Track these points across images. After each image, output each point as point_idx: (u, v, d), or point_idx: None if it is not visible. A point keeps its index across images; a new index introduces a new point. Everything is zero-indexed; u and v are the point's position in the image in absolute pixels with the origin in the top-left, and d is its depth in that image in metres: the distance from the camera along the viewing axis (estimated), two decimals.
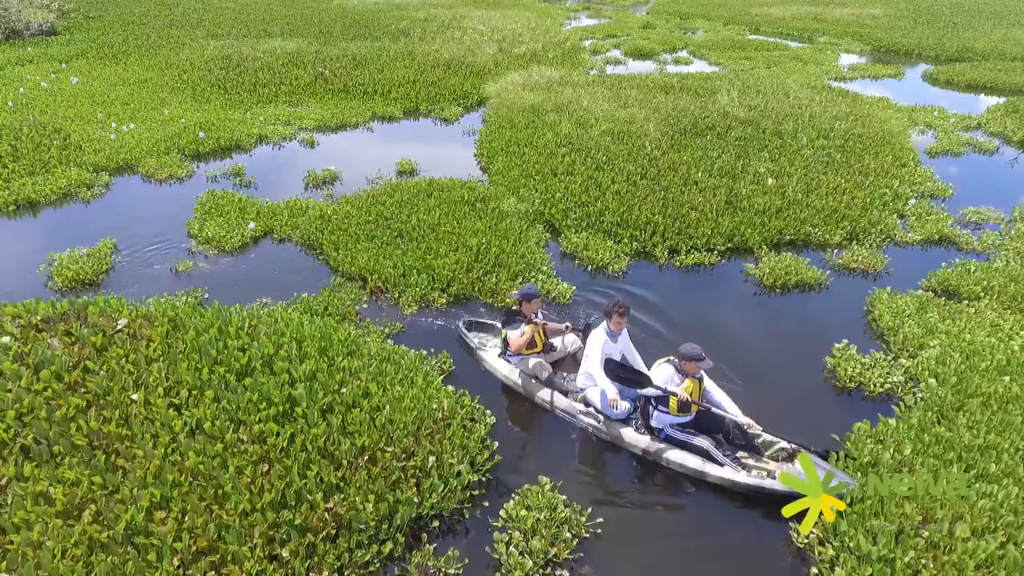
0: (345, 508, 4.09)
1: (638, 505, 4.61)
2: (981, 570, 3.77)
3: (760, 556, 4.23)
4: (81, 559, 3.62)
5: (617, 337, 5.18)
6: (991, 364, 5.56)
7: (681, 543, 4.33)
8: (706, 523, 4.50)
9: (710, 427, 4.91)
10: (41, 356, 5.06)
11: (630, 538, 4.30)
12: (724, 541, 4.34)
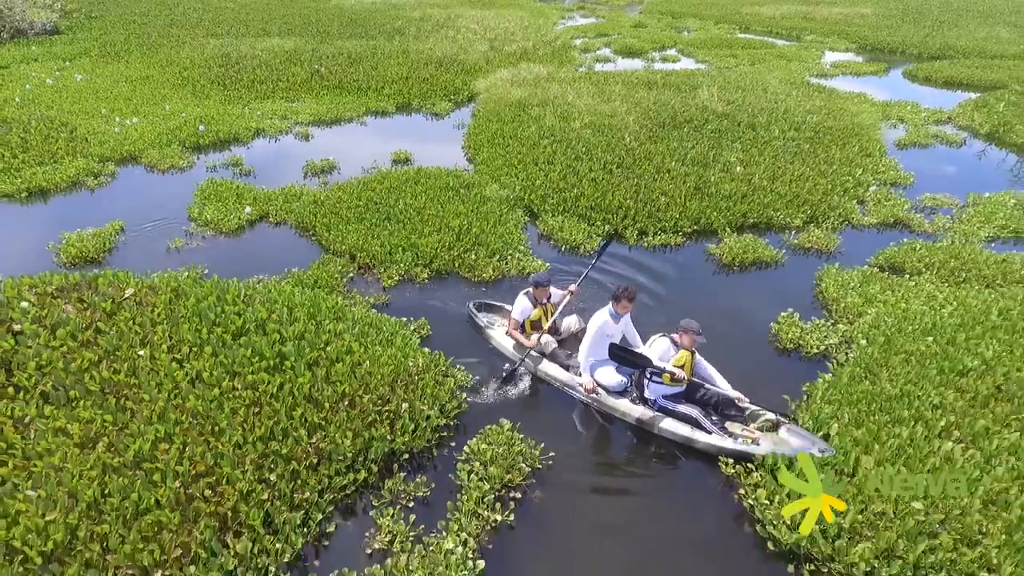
0: (326, 443, 4.68)
1: (589, 447, 5.19)
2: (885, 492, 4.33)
3: (694, 490, 4.81)
4: (96, 479, 4.20)
5: (620, 319, 5.53)
6: (918, 327, 6.14)
7: (626, 479, 4.91)
8: (648, 462, 5.07)
9: (701, 398, 5.41)
10: (57, 319, 5.65)
11: (579, 470, 4.88)
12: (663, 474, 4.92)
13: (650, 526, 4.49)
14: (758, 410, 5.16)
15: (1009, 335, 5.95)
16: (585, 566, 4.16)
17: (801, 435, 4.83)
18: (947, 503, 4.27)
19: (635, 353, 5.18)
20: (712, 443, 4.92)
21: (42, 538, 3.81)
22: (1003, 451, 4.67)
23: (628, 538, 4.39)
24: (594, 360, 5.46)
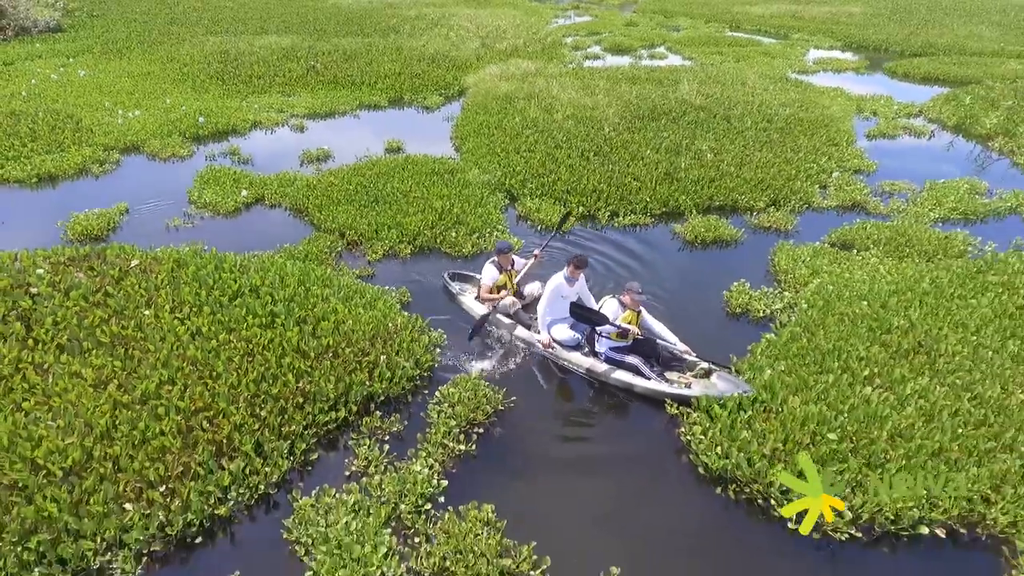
0: (311, 386, 5.27)
1: (547, 394, 5.79)
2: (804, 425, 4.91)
3: (642, 429, 5.41)
4: (107, 412, 4.79)
5: (574, 283, 6.14)
6: (855, 294, 6.73)
7: (580, 419, 5.52)
8: (601, 406, 5.67)
9: (645, 351, 5.97)
10: (70, 283, 6.26)
11: (538, 412, 5.48)
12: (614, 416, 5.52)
13: (599, 458, 5.08)
14: (696, 360, 5.75)
15: (936, 300, 6.55)
16: (536, 488, 4.75)
17: (728, 380, 5.44)
18: (859, 436, 4.86)
19: (593, 311, 5.77)
20: (650, 387, 5.52)
21: (62, 457, 4.41)
22: (914, 394, 5.27)
23: (579, 467, 4.98)
24: (551, 319, 6.06)
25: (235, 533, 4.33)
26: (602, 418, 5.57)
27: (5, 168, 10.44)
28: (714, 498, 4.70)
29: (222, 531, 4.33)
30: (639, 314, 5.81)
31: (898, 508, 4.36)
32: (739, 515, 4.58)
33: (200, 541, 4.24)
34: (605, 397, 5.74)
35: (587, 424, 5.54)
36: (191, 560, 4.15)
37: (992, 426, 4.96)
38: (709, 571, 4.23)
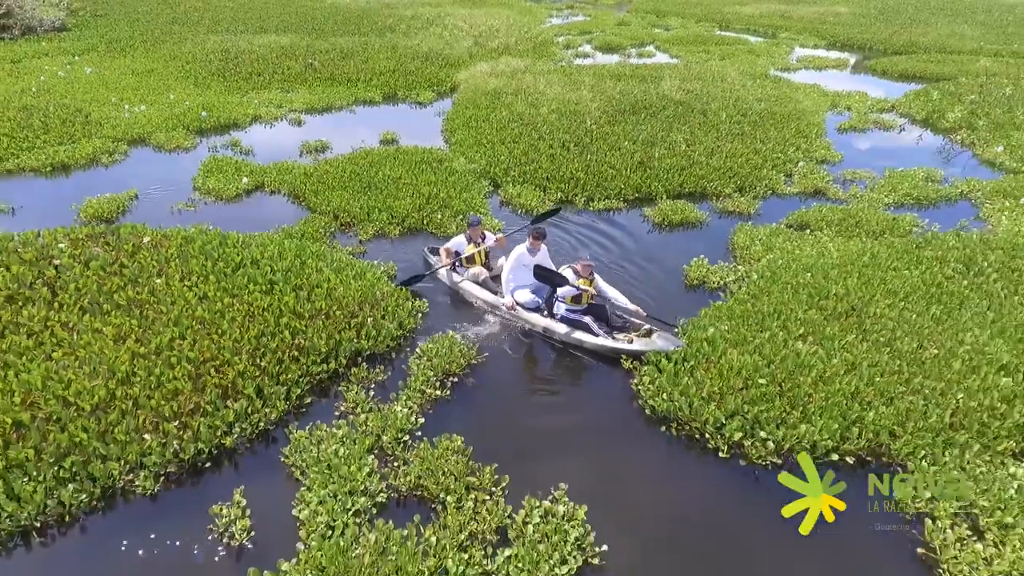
0: (306, 341, 5.96)
1: (513, 350, 6.48)
2: (739, 373, 5.60)
3: (599, 380, 6.10)
4: (127, 361, 5.49)
5: (535, 253, 6.86)
6: (802, 266, 7.43)
7: (542, 372, 6.21)
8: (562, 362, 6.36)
9: (597, 313, 6.71)
10: (89, 255, 6.97)
11: (505, 365, 6.18)
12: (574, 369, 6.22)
13: (558, 403, 5.78)
14: (641, 323, 6.48)
15: (872, 271, 7.24)
16: (501, 426, 5.45)
17: (666, 338, 6.15)
18: (787, 382, 5.56)
19: (555, 272, 6.49)
20: (598, 343, 6.24)
21: (89, 395, 5.10)
22: (840, 348, 5.96)
23: (540, 410, 5.68)
24: (514, 284, 6.79)
25: (239, 460, 5.03)
26: (562, 372, 6.27)
27: (20, 158, 11.15)
28: (658, 435, 5.39)
29: (228, 459, 5.03)
30: (592, 280, 6.51)
31: (815, 440, 5.05)
32: (679, 448, 5.28)
33: (209, 466, 4.93)
34: (567, 356, 6.43)
35: (549, 376, 6.24)
36: (201, 481, 4.85)
37: (904, 374, 5.65)
38: (647, 489, 4.92)
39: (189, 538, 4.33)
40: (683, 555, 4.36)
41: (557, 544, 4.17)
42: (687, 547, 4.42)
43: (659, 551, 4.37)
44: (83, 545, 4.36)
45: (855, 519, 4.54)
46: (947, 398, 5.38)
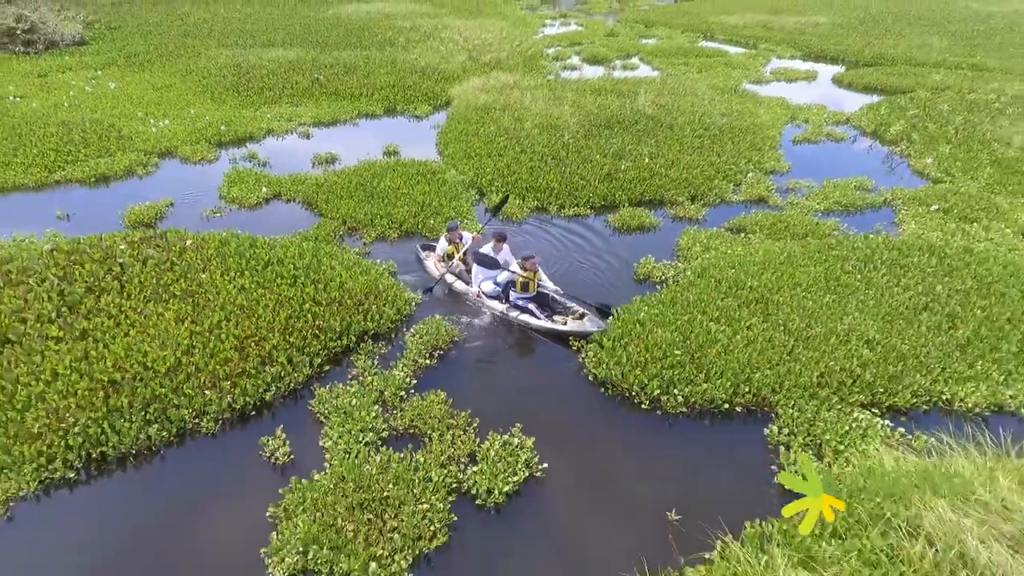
0: (324, 323, 7.63)
1: (485, 330, 8.14)
2: (660, 347, 7.25)
3: (553, 356, 7.76)
4: (187, 337, 7.15)
5: (498, 252, 8.59)
6: (729, 263, 9.09)
7: (509, 348, 7.88)
8: (525, 343, 8.02)
9: (540, 301, 8.38)
10: (145, 255, 8.64)
11: (480, 341, 7.84)
12: (533, 347, 7.88)
13: (520, 372, 7.45)
14: (575, 307, 8.14)
15: (785, 268, 8.90)
16: (476, 386, 7.11)
17: (594, 321, 7.82)
18: (697, 353, 7.21)
19: (490, 257, 8.14)
20: (540, 325, 7.94)
21: (162, 361, 6.77)
22: (744, 328, 7.62)
23: (506, 376, 7.35)
24: (481, 277, 8.48)
25: (277, 410, 6.70)
26: (525, 347, 7.92)
27: (66, 170, 12.82)
28: (596, 394, 7.05)
29: (268, 409, 6.70)
30: (535, 273, 8.18)
31: (713, 395, 6.71)
32: (611, 403, 6.93)
33: (254, 414, 6.60)
34: (528, 336, 8.10)
35: (514, 350, 7.89)
36: (248, 425, 6.52)
37: (788, 346, 7.31)
38: (583, 430, 6.57)
39: (244, 461, 6.01)
40: (604, 472, 6.01)
41: (511, 463, 5.84)
42: (609, 467, 6.08)
43: (585, 469, 6.03)
44: (164, 467, 6.03)
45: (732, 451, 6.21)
46: (818, 364, 7.04)
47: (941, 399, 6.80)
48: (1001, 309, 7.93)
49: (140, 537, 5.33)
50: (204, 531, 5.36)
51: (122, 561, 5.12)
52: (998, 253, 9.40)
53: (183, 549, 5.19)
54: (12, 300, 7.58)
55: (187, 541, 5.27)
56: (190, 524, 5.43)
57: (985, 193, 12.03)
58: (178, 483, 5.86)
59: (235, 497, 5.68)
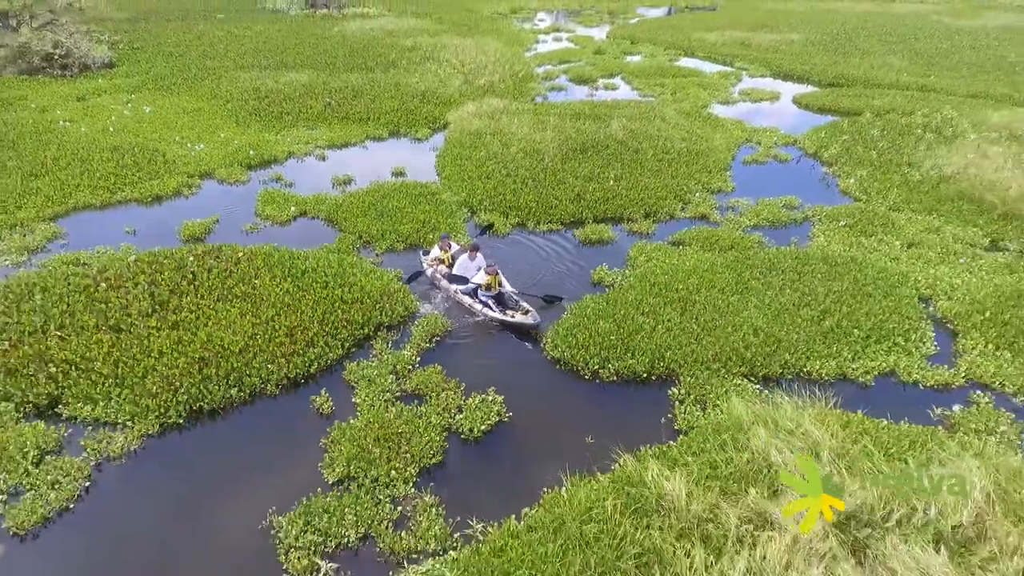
0: (350, 317, 10.27)
1: (469, 322, 10.77)
2: (601, 333, 9.87)
3: (521, 341, 10.40)
4: (250, 327, 9.79)
5: (473, 260, 11.23)
6: (662, 270, 11.72)
7: (486, 335, 10.53)
8: (498, 332, 10.65)
9: (499, 299, 11.04)
10: (209, 265, 11.29)
11: (466, 332, 10.50)
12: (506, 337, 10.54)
13: (497, 353, 10.09)
14: (524, 304, 10.74)
15: (706, 274, 11.52)
16: (463, 363, 9.73)
17: (534, 315, 10.41)
18: (628, 338, 9.84)
19: (458, 276, 10.83)
20: (495, 316, 10.56)
21: (234, 345, 9.41)
22: (666, 320, 10.24)
23: (485, 355, 9.98)
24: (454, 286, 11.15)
25: (319, 379, 9.34)
26: (501, 337, 10.55)
27: (125, 191, 15.46)
28: (552, 369, 9.68)
29: (312, 378, 9.33)
30: (496, 277, 10.82)
31: (636, 368, 9.34)
32: (562, 375, 9.55)
33: (303, 382, 9.24)
34: (503, 329, 10.72)
35: (492, 337, 10.51)
36: (299, 389, 9.15)
37: (697, 334, 9.94)
38: (541, 392, 9.20)
39: (298, 413, 8.65)
40: (551, 418, 8.64)
41: (486, 412, 8.47)
42: (554, 416, 8.70)
43: (538, 416, 8.65)
44: (242, 417, 8.67)
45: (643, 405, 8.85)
46: (715, 346, 9.67)
47: (802, 371, 9.43)
48: (862, 306, 10.58)
49: (227, 461, 7.98)
50: (276, 456, 8.00)
51: (216, 474, 7.75)
52: (876, 261, 12.07)
53: (260, 468, 7.82)
54: (117, 299, 10.23)
55: (262, 463, 7.91)
56: (264, 452, 8.07)
57: (890, 211, 14.68)
58: (253, 427, 8.51)
59: (296, 435, 8.32)
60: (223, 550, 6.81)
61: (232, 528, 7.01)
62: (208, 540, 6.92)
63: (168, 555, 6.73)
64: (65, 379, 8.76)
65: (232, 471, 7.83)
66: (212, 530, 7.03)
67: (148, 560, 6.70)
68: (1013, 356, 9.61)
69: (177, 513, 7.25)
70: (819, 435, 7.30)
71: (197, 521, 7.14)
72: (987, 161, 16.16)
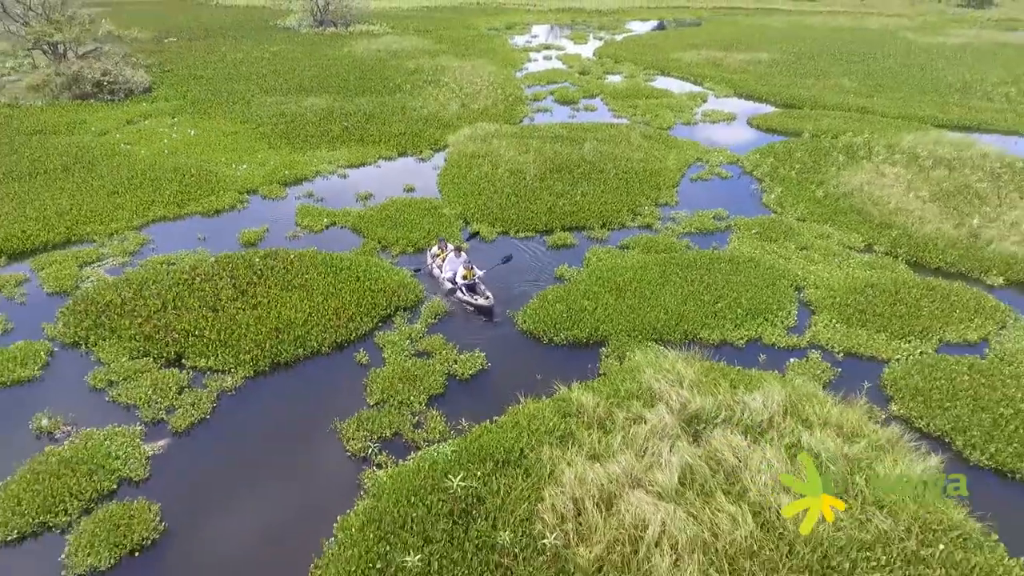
0: (376, 302, 14.54)
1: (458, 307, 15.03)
2: (557, 314, 14.12)
3: (499, 320, 14.67)
4: (308, 308, 14.06)
5: (458, 257, 15.51)
6: (609, 267, 15.96)
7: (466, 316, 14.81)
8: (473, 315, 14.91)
9: (471, 287, 15.27)
10: (271, 264, 15.59)
11: (458, 313, 14.78)
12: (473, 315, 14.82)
13: (483, 327, 14.35)
14: (488, 293, 14.98)
15: (640, 270, 15.75)
16: (459, 333, 13.97)
17: (490, 301, 14.65)
18: (580, 318, 14.09)
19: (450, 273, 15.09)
20: (464, 299, 14.77)
21: (298, 320, 13.67)
22: (604, 303, 14.48)
23: (475, 330, 14.23)
24: (450, 272, 15.40)
25: (358, 343, 13.59)
26: (477, 317, 14.81)
27: (190, 206, 19.72)
28: (522, 338, 13.92)
29: (352, 342, 13.59)
30: (471, 271, 15.07)
31: (579, 336, 13.58)
32: (528, 342, 13.79)
33: (347, 345, 13.51)
34: (486, 312, 14.96)
35: (479, 318, 14.76)
36: (344, 349, 13.41)
37: (625, 313, 14.16)
38: (511, 353, 13.43)
39: (344, 365, 12.92)
40: (518, 365, 12.87)
41: (473, 363, 12.73)
42: (520, 364, 12.94)
43: (510, 365, 12.89)
44: (306, 368, 12.93)
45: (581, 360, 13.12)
46: (636, 321, 13.91)
47: (696, 337, 13.65)
48: (748, 292, 14.80)
49: (301, 393, 12.22)
50: (334, 389, 12.24)
51: (295, 400, 12.00)
52: (769, 260, 16.32)
53: (324, 396, 12.06)
54: (209, 288, 14.51)
55: (326, 393, 12.14)
56: (326, 388, 12.31)
57: (797, 221, 18.93)
58: (315, 373, 12.76)
59: (345, 377, 12.56)
60: (306, 442, 11.05)
61: (310, 430, 11.25)
62: (294, 436, 11.15)
63: (270, 443, 10.98)
64: (185, 342, 13.02)
65: (305, 398, 12.07)
66: (296, 430, 11.26)
67: (256, 446, 10.94)
68: (846, 328, 13.85)
69: (272, 422, 11.48)
70: (685, 373, 11.56)
71: (286, 426, 11.38)
72: (882, 179, 20.43)
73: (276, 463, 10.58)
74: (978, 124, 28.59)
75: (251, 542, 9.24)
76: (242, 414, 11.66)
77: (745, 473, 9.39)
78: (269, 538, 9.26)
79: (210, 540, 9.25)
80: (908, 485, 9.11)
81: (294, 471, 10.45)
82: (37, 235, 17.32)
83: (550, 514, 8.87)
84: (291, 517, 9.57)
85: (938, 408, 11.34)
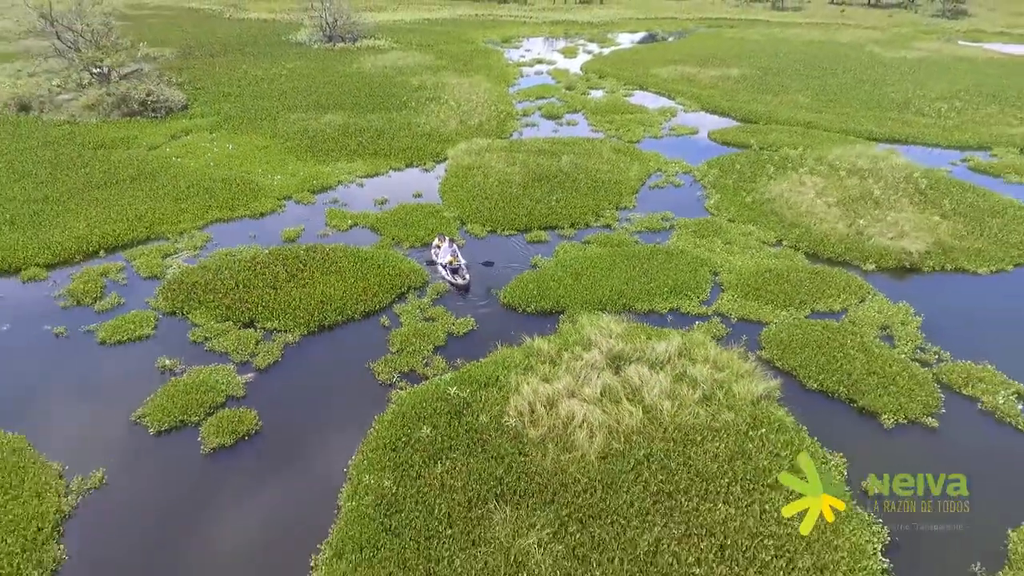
0: (393, 283, 19.67)
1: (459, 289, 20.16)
2: (530, 292, 19.22)
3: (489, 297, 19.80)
4: (343, 288, 19.21)
5: (450, 247, 20.64)
6: (573, 258, 21.07)
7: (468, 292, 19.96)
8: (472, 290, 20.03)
9: (455, 270, 20.38)
10: (312, 256, 20.76)
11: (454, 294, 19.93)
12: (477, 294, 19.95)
13: (476, 302, 19.48)
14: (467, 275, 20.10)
15: (596, 260, 20.84)
16: (458, 307, 19.07)
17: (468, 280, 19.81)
18: (545, 291, 19.21)
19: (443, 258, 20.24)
20: (452, 280, 19.90)
21: (337, 294, 18.82)
22: (567, 283, 19.60)
23: (469, 303, 19.36)
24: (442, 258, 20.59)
25: (380, 313, 18.71)
26: (477, 294, 19.91)
27: (240, 210, 24.85)
28: (507, 312, 19.03)
29: (376, 312, 18.69)
30: (456, 257, 20.22)
31: (546, 307, 18.71)
32: (508, 312, 18.91)
33: (373, 314, 18.63)
34: (475, 291, 20.07)
35: (473, 296, 19.85)
36: (370, 317, 18.52)
37: (583, 291, 19.27)
38: (495, 318, 18.53)
39: (371, 329, 18.04)
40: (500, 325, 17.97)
41: (465, 325, 17.84)
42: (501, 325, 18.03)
43: (495, 325, 17.99)
44: (344, 330, 18.05)
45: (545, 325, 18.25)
46: (588, 296, 18.99)
47: (632, 308, 18.73)
48: (674, 276, 19.89)
49: (342, 345, 17.33)
50: (364, 343, 17.33)
51: (339, 349, 17.12)
52: (696, 252, 21.41)
53: (357, 347, 17.15)
54: (267, 272, 19.65)
55: (358, 345, 17.24)
56: (358, 342, 17.41)
57: (728, 222, 24.03)
58: (351, 334, 17.88)
59: (372, 335, 17.66)
60: (348, 374, 16.15)
61: (351, 368, 16.35)
62: (341, 372, 16.25)
63: (323, 376, 16.10)
64: (255, 311, 18.14)
65: (346, 348, 17.17)
66: (341, 369, 16.36)
67: (314, 378, 16.05)
68: (744, 301, 18.92)
69: (324, 363, 16.60)
70: (615, 329, 16.68)
71: (333, 366, 16.49)
72: (801, 187, 25.53)
73: (329, 387, 15.72)
74: (906, 137, 33.63)
75: (315, 432, 14.36)
76: (302, 358, 16.79)
77: (644, 389, 14.55)
78: (326, 429, 14.39)
79: (288, 430, 14.37)
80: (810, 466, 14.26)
81: (342, 392, 15.58)
82: (125, 233, 22.49)
83: (513, 411, 14.00)
84: (342, 418, 14.69)
85: (791, 353, 16.44)
